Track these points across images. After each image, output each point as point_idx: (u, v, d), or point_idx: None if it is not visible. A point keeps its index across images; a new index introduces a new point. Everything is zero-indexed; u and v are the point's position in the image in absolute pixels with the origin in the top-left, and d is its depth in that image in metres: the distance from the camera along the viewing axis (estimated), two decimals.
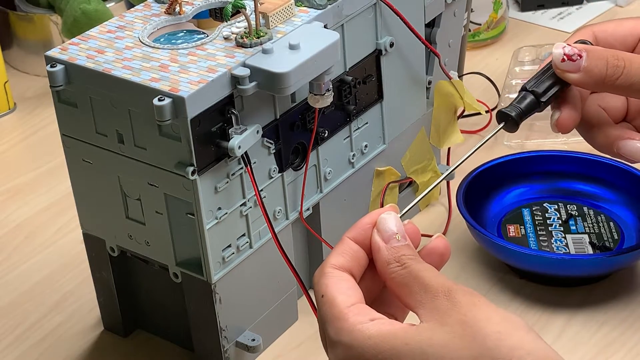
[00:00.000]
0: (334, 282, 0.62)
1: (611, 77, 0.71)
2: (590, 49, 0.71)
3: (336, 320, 0.60)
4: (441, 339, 0.57)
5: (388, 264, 0.62)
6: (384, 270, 0.62)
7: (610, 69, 0.70)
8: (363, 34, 0.82)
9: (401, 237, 0.62)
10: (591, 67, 0.71)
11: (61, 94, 0.75)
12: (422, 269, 0.61)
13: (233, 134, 0.72)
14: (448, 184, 0.96)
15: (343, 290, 0.61)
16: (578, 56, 0.71)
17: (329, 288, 0.62)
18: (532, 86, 0.72)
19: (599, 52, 0.71)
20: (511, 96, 1.07)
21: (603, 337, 0.82)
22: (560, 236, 0.90)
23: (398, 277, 0.61)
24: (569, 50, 0.71)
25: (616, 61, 0.71)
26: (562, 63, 0.71)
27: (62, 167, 0.80)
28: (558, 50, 0.71)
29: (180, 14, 0.77)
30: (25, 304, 0.89)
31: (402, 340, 0.58)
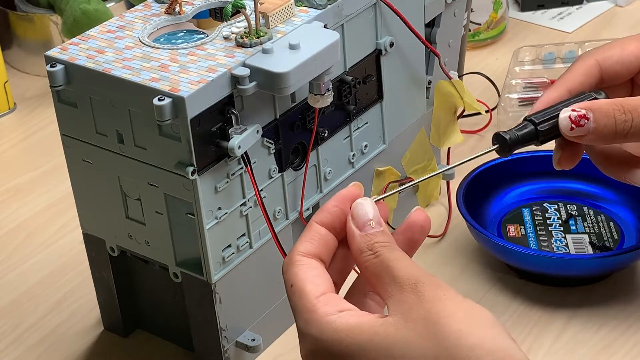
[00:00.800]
0: (303, 270, 0.62)
1: (621, 132, 0.69)
2: (595, 107, 0.69)
3: (305, 311, 0.60)
4: (404, 336, 0.57)
5: (361, 252, 0.62)
6: (357, 258, 0.62)
7: (620, 125, 0.69)
8: (363, 34, 0.82)
9: (376, 223, 0.63)
10: (600, 128, 0.69)
11: (61, 94, 0.75)
12: (393, 258, 0.61)
13: (233, 134, 0.72)
14: (448, 184, 0.96)
15: (312, 278, 0.61)
16: (585, 119, 0.69)
17: (297, 277, 0.62)
18: (537, 119, 0.70)
19: (604, 110, 0.69)
20: (511, 96, 1.07)
21: (603, 337, 0.82)
22: (560, 236, 0.90)
23: (371, 266, 0.61)
24: (575, 116, 0.69)
25: (623, 116, 0.68)
26: (572, 132, 0.69)
27: (62, 167, 0.80)
28: (565, 118, 0.69)
29: (180, 14, 0.77)
30: (25, 304, 0.89)
31: (367, 336, 0.58)
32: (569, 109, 0.69)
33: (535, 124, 0.70)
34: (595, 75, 0.75)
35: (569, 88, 0.74)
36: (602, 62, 0.75)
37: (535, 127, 0.69)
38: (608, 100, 0.70)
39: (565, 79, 0.75)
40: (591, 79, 0.74)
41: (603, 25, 1.28)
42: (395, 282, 0.60)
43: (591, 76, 0.74)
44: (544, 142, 0.70)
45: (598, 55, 0.75)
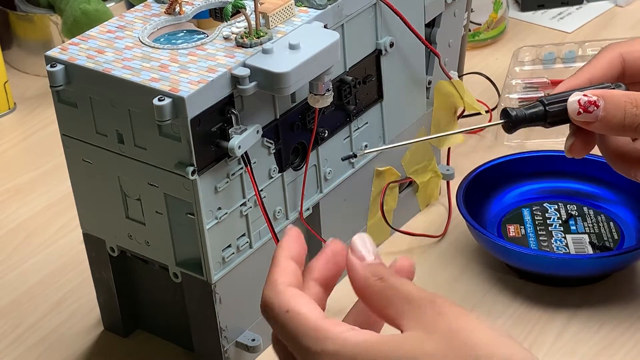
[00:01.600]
0: (296, 296, 0.61)
1: (630, 125, 0.68)
2: (608, 96, 0.69)
3: (315, 330, 0.58)
4: (431, 347, 0.56)
5: (366, 279, 0.60)
6: (361, 284, 0.60)
7: (629, 118, 0.68)
8: (363, 34, 0.82)
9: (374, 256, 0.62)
10: (609, 117, 0.69)
11: (61, 94, 0.75)
12: (403, 283, 0.60)
13: (233, 134, 0.72)
14: (448, 184, 0.96)
15: (308, 303, 0.60)
16: (594, 106, 0.69)
17: (292, 303, 0.60)
18: (547, 100, 0.70)
19: (616, 100, 0.69)
20: (511, 96, 1.07)
21: (603, 337, 0.82)
22: (560, 236, 0.90)
23: (378, 290, 0.60)
24: (585, 102, 0.69)
25: (635, 109, 0.68)
26: (578, 116, 0.69)
27: (62, 167, 0.80)
28: (574, 102, 0.69)
29: (180, 14, 0.77)
30: (25, 304, 0.89)
31: (392, 348, 0.56)
32: (580, 94, 0.69)
33: (545, 104, 0.70)
34: (617, 68, 0.74)
35: (591, 77, 0.73)
36: (626, 55, 0.74)
37: (545, 107, 0.70)
38: (623, 92, 0.69)
39: (588, 68, 0.74)
40: (613, 71, 0.74)
41: (603, 25, 1.28)
42: (410, 301, 0.59)
43: (614, 68, 0.74)
44: (552, 125, 0.71)
45: (623, 49, 0.74)
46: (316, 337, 0.58)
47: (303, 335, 0.59)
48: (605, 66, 0.74)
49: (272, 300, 0.61)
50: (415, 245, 0.92)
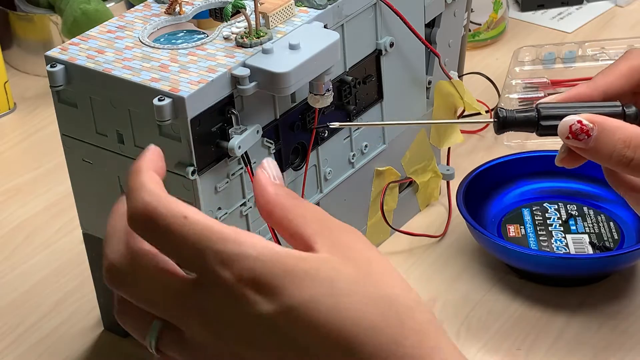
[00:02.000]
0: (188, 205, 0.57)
1: (616, 163, 0.66)
2: (603, 128, 0.66)
3: (232, 235, 0.55)
4: (350, 274, 0.55)
5: (277, 195, 0.58)
6: (271, 198, 0.58)
7: (616, 157, 0.65)
8: (363, 34, 0.82)
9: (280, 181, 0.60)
10: (597, 149, 0.66)
11: (61, 94, 0.75)
12: (316, 207, 0.59)
13: (233, 134, 0.72)
14: (448, 184, 0.96)
15: (202, 212, 0.57)
16: (586, 135, 0.66)
17: (188, 210, 0.56)
18: (544, 111, 0.68)
19: (610, 134, 0.65)
20: (511, 96, 1.07)
21: (603, 338, 0.82)
22: (560, 236, 0.90)
23: (291, 206, 0.58)
24: (576, 129, 0.66)
25: (625, 149, 0.65)
26: (567, 140, 0.66)
27: (62, 167, 0.80)
28: (565, 125, 0.66)
29: (180, 14, 0.77)
30: (25, 304, 0.89)
31: (312, 265, 0.55)
32: (575, 119, 0.66)
33: (539, 115, 0.68)
34: (637, 79, 0.71)
35: (607, 89, 0.70)
36: None
37: (537, 117, 0.68)
38: (620, 125, 0.66)
39: (606, 77, 0.71)
40: (632, 81, 0.71)
41: (603, 25, 1.28)
42: (325, 223, 0.58)
43: (633, 79, 0.71)
44: (543, 135, 0.69)
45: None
46: (234, 241, 0.55)
47: (217, 239, 0.55)
48: (625, 75, 0.70)
49: (158, 206, 0.57)
50: (415, 245, 0.92)
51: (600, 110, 0.68)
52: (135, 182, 0.58)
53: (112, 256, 0.59)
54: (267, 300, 0.54)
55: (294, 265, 0.55)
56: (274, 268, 0.54)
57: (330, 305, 0.54)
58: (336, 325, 0.54)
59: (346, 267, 0.55)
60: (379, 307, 0.54)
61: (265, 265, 0.54)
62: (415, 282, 0.88)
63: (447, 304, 0.86)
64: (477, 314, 0.85)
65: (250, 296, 0.55)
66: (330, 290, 0.54)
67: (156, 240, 0.57)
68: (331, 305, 0.54)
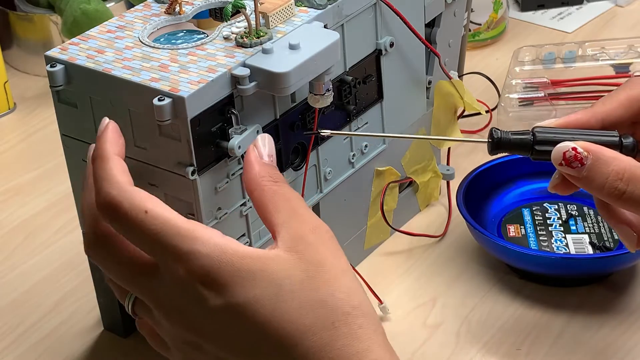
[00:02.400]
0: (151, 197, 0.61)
1: (608, 195, 0.65)
2: (597, 158, 0.64)
3: (186, 230, 0.60)
4: (297, 275, 0.59)
5: (261, 176, 0.63)
6: (255, 179, 0.63)
7: (609, 188, 0.64)
8: (363, 34, 0.82)
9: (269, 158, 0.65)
10: (589, 179, 0.65)
11: (61, 94, 0.75)
12: (296, 196, 0.63)
13: (233, 134, 0.72)
14: (448, 184, 0.96)
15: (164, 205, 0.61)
16: (580, 163, 0.65)
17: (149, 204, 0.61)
18: (540, 136, 0.67)
19: (603, 165, 0.64)
20: (511, 96, 1.07)
21: (603, 338, 0.82)
22: (561, 236, 0.90)
23: (269, 191, 0.63)
24: (570, 156, 0.65)
25: (618, 182, 0.64)
26: (560, 166, 0.66)
27: (62, 167, 0.80)
28: (559, 152, 0.65)
29: (180, 14, 0.77)
30: (25, 304, 0.89)
31: (260, 265, 0.59)
32: (570, 145, 0.65)
33: (534, 139, 0.67)
34: (637, 109, 0.70)
35: (605, 118, 0.69)
36: None
37: (532, 142, 0.67)
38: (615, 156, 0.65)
39: (604, 107, 0.70)
40: (632, 111, 0.69)
41: (603, 25, 1.28)
42: (294, 216, 0.62)
43: (632, 108, 0.69)
44: (537, 160, 0.68)
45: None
46: (188, 237, 0.59)
47: (172, 235, 0.59)
48: (624, 105, 0.69)
49: (121, 200, 0.61)
50: (415, 245, 0.92)
51: (597, 139, 0.66)
52: (102, 170, 0.62)
53: (88, 231, 0.64)
54: (215, 295, 0.59)
55: (242, 265, 0.59)
56: (222, 266, 0.58)
57: (271, 306, 0.58)
58: (274, 325, 0.58)
59: (296, 267, 0.59)
60: (316, 311, 0.58)
61: (213, 264, 0.58)
62: (415, 282, 0.88)
63: (447, 304, 0.86)
64: (477, 314, 0.85)
65: (200, 290, 0.59)
66: (274, 291, 0.58)
67: (119, 230, 0.62)
68: (272, 306, 0.58)
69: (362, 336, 0.58)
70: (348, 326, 0.58)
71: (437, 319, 0.84)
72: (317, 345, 0.58)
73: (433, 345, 0.82)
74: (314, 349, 0.58)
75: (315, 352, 0.58)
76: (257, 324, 0.58)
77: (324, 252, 0.61)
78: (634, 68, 1.08)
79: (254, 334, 0.59)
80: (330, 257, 0.61)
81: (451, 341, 0.82)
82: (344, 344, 0.58)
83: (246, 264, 0.59)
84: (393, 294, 0.87)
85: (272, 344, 0.58)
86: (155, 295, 0.62)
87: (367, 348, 0.58)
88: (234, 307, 0.58)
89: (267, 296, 0.58)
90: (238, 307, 0.58)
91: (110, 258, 0.64)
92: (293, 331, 0.58)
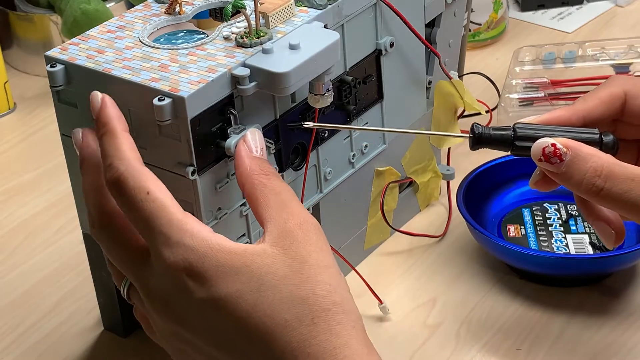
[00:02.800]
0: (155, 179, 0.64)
1: (585, 191, 0.65)
2: (576, 154, 0.65)
3: (178, 221, 0.62)
4: (280, 270, 0.60)
5: (251, 170, 0.65)
6: (246, 172, 0.65)
7: (586, 185, 0.65)
8: (363, 34, 0.82)
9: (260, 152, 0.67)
10: (567, 175, 0.65)
11: (61, 94, 0.75)
12: (286, 190, 0.64)
13: (231, 134, 0.72)
14: (448, 184, 0.96)
15: (166, 190, 0.63)
16: (559, 159, 0.65)
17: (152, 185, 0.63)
18: (520, 131, 0.67)
19: (582, 162, 0.65)
20: (511, 96, 1.07)
21: (603, 338, 0.82)
22: (561, 236, 0.90)
23: (260, 184, 0.64)
24: (549, 152, 0.65)
25: (595, 179, 0.64)
26: (539, 162, 0.66)
27: (62, 167, 0.80)
28: (538, 148, 0.66)
29: (180, 14, 0.77)
30: (25, 304, 0.89)
31: (243, 261, 0.60)
32: (550, 141, 0.66)
33: (515, 135, 0.67)
34: (617, 106, 0.70)
35: (586, 116, 0.70)
36: (630, 95, 0.70)
37: (513, 137, 0.67)
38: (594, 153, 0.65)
39: (586, 105, 0.70)
40: (613, 108, 0.70)
41: (603, 25, 1.28)
42: (283, 210, 0.63)
43: (613, 106, 0.70)
44: (518, 156, 0.68)
45: (627, 86, 0.70)
46: (178, 228, 0.61)
47: (165, 222, 0.61)
48: (605, 102, 0.70)
49: (127, 177, 0.63)
50: (415, 245, 0.92)
51: (577, 136, 0.67)
52: (111, 147, 0.65)
53: (93, 211, 0.66)
54: (199, 287, 0.60)
55: (226, 261, 0.60)
56: (206, 260, 0.60)
57: (252, 300, 0.59)
58: (255, 319, 0.59)
59: (279, 262, 0.61)
60: (296, 307, 0.59)
61: (198, 257, 0.60)
62: (415, 282, 0.88)
63: (447, 304, 0.86)
64: (477, 314, 0.85)
65: (185, 281, 0.61)
66: (256, 286, 0.60)
67: (122, 206, 0.64)
68: (254, 301, 0.59)
69: (340, 332, 0.59)
70: (327, 322, 0.59)
71: (437, 319, 0.84)
72: (296, 340, 0.59)
73: (433, 345, 0.82)
74: (293, 344, 0.59)
75: (294, 347, 0.59)
76: (238, 318, 0.60)
77: (308, 248, 0.62)
78: (634, 68, 1.08)
79: (235, 328, 0.60)
80: (315, 253, 0.62)
81: (451, 341, 0.82)
82: (322, 340, 0.59)
83: (230, 259, 0.60)
84: (393, 294, 0.87)
85: (252, 338, 0.60)
86: (144, 282, 0.63)
87: (345, 344, 0.59)
88: (216, 301, 0.60)
89: (249, 290, 0.60)
90: (220, 301, 0.60)
91: (112, 239, 0.65)
92: (273, 326, 0.59)
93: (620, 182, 0.64)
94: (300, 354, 0.59)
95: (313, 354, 0.59)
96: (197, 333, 0.62)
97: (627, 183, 0.64)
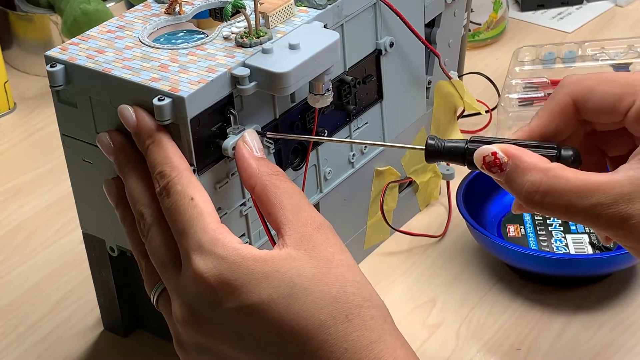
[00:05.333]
0: (200, 188, 0.65)
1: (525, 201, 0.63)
2: (516, 165, 0.62)
3: (213, 231, 0.63)
4: (309, 272, 0.61)
5: (260, 171, 0.65)
6: (255, 173, 0.65)
7: (525, 199, 0.62)
8: (363, 34, 0.82)
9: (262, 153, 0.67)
10: (509, 185, 0.63)
11: (61, 94, 0.75)
12: (298, 191, 0.65)
13: (230, 134, 0.72)
14: (448, 184, 0.96)
15: (209, 199, 0.65)
16: (499, 169, 0.63)
17: (197, 193, 0.64)
18: (473, 141, 0.65)
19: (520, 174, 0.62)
20: (511, 96, 1.07)
21: (603, 338, 0.82)
22: (560, 236, 0.90)
23: (272, 186, 0.65)
24: (490, 161, 0.63)
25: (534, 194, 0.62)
26: (483, 170, 0.64)
27: (62, 167, 0.80)
28: (479, 156, 0.64)
29: (180, 14, 0.77)
30: (25, 304, 0.89)
31: (273, 267, 0.61)
32: (490, 150, 0.63)
33: (467, 150, 0.65)
34: (571, 116, 0.67)
35: (544, 133, 0.67)
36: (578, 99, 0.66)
37: (464, 152, 0.65)
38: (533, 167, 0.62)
39: (539, 121, 0.67)
40: (568, 119, 0.67)
41: (603, 25, 1.28)
42: (299, 213, 0.64)
43: (567, 116, 0.67)
44: (472, 169, 0.66)
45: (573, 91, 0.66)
46: (212, 237, 0.63)
47: (200, 229, 0.63)
48: (557, 114, 0.66)
49: (176, 183, 0.65)
50: (415, 245, 0.92)
51: (538, 149, 0.64)
52: (160, 156, 0.67)
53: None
54: (229, 297, 0.61)
55: (256, 268, 0.61)
56: (237, 270, 0.61)
57: (285, 304, 0.60)
58: (289, 322, 0.60)
59: (307, 264, 0.61)
60: (329, 307, 0.60)
61: (229, 267, 0.61)
62: (415, 282, 0.88)
63: (447, 304, 0.86)
64: (477, 314, 0.85)
65: (214, 289, 0.62)
66: (287, 291, 0.61)
67: (166, 210, 0.65)
68: (286, 305, 0.60)
69: (374, 327, 0.60)
70: (361, 318, 0.60)
71: (437, 319, 0.84)
72: (332, 337, 0.60)
73: (433, 345, 0.82)
74: (329, 341, 0.60)
75: (330, 344, 0.60)
76: (272, 322, 0.60)
77: (330, 250, 0.63)
78: (634, 68, 1.08)
79: (269, 332, 0.61)
80: (337, 254, 0.63)
81: (451, 341, 0.82)
82: (357, 335, 0.60)
83: (260, 266, 0.61)
84: (393, 294, 0.87)
85: (286, 340, 0.60)
86: (178, 294, 0.64)
87: (379, 338, 0.60)
88: (248, 308, 0.61)
89: (281, 295, 0.60)
90: (252, 308, 0.61)
91: (154, 243, 0.66)
92: (307, 327, 0.60)
93: (559, 196, 0.61)
94: (336, 350, 0.59)
95: (350, 349, 0.59)
96: (226, 342, 0.62)
97: (568, 197, 0.61)
